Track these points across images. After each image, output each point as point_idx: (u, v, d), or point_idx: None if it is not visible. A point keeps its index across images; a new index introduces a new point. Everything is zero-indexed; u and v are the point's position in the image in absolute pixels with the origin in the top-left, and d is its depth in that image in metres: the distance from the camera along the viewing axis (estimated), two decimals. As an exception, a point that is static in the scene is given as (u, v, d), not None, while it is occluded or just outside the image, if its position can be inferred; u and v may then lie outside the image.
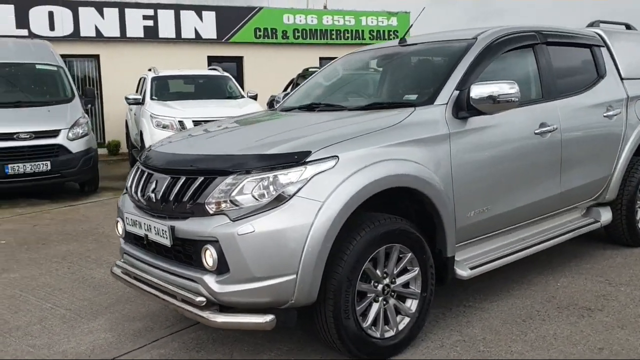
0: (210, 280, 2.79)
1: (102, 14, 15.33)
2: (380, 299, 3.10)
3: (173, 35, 15.92)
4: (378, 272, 3.07)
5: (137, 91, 12.14)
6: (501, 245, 3.92)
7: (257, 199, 2.77)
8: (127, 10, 15.52)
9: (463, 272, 3.52)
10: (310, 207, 2.75)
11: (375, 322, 3.09)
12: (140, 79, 12.39)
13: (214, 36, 16.30)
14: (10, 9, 14.68)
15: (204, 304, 2.83)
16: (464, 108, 3.46)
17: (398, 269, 3.16)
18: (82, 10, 15.16)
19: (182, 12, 15.94)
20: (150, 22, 15.70)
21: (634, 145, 4.76)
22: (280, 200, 2.75)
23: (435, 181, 3.23)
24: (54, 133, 8.56)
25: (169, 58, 15.45)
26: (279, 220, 2.72)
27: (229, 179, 2.83)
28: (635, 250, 4.91)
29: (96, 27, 15.32)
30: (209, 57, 16.34)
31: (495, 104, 3.40)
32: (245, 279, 2.73)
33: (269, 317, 2.77)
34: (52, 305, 4.20)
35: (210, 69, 12.51)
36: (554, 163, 4.07)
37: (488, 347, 3.25)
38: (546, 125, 3.97)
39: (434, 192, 3.23)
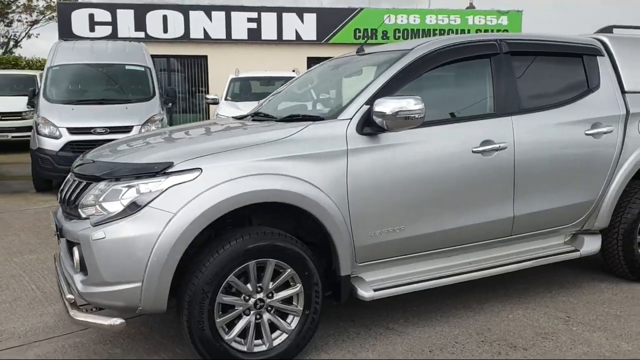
0: (77, 279, 3.00)
1: (210, 17, 16.34)
2: (252, 312, 3.10)
3: (275, 37, 16.55)
4: (249, 286, 3.07)
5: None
6: (431, 269, 3.69)
7: (117, 206, 2.92)
8: (233, 14, 16.40)
9: (365, 292, 3.39)
10: (161, 217, 2.84)
11: (245, 336, 3.10)
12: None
13: (314, 37, 16.67)
14: (130, 13, 16.21)
15: (72, 301, 3.04)
16: (370, 124, 3.32)
17: (274, 284, 3.13)
18: (192, 13, 16.30)
19: (284, 15, 16.49)
20: (253, 25, 16.45)
21: (631, 169, 4.20)
22: (133, 208, 2.87)
23: (321, 198, 3.15)
24: (127, 129, 9.33)
25: (270, 59, 16.08)
26: (128, 229, 2.85)
27: (101, 185, 3.01)
28: (636, 287, 4.34)
29: (204, 29, 16.38)
30: (308, 58, 16.74)
31: (395, 120, 3.23)
32: (99, 282, 2.89)
33: (118, 321, 2.91)
34: (35, 287, 4.68)
35: (293, 71, 12.85)
36: (503, 184, 3.74)
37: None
38: (491, 143, 3.66)
39: (319, 209, 3.15)
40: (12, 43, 33.71)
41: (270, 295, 3.14)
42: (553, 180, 3.92)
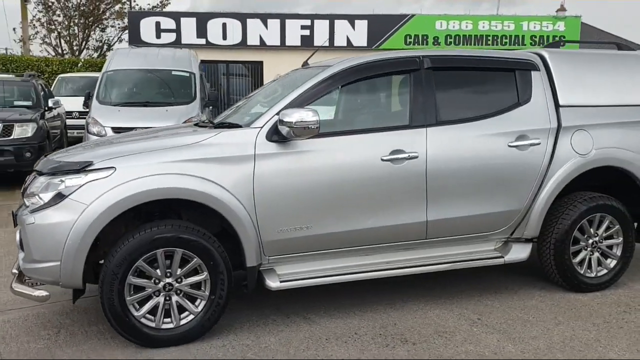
0: (20, 257, 3.61)
1: (266, 25, 17.09)
2: (161, 294, 3.59)
3: (327, 44, 17.01)
4: (158, 271, 3.56)
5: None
6: (347, 266, 4.02)
7: (48, 197, 3.50)
8: (288, 21, 17.06)
9: (272, 283, 3.79)
10: (77, 207, 3.39)
11: (158, 314, 3.58)
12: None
13: (365, 44, 17.00)
14: (192, 21, 17.25)
15: (16, 275, 3.66)
16: (278, 132, 3.72)
17: (182, 271, 3.60)
18: (249, 21, 17.11)
19: (336, 22, 16.95)
20: (306, 32, 17.03)
21: (561, 181, 4.31)
22: (57, 199, 3.44)
23: (225, 197, 3.58)
24: (163, 130, 10.15)
25: (321, 64, 16.56)
26: (52, 216, 3.41)
27: (42, 179, 3.60)
28: (569, 295, 4.43)
29: (260, 36, 17.15)
30: (359, 63, 17.03)
31: (296, 129, 3.61)
32: (31, 260, 3.48)
33: (43, 293, 3.50)
34: (6, 267, 5.31)
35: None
36: (415, 191, 3.99)
37: (251, 355, 3.52)
38: (402, 152, 3.94)
39: (223, 207, 3.58)
40: (105, 47, 36.30)
41: (179, 280, 3.61)
42: (470, 188, 4.12)
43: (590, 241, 4.49)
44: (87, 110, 10.94)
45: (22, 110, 11.70)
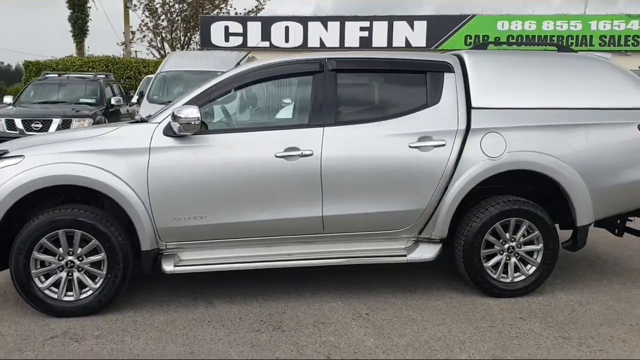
0: None
1: (326, 27, 17.46)
2: (64, 270, 4.04)
3: (385, 44, 17.09)
4: (60, 249, 4.01)
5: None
6: (248, 255, 4.26)
7: None
8: (347, 23, 17.32)
9: (166, 267, 4.14)
10: None
11: (60, 287, 4.04)
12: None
13: (424, 44, 16.87)
14: (258, 25, 17.98)
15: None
16: (171, 128, 4.06)
17: (82, 250, 4.03)
18: (310, 24, 17.56)
19: (395, 23, 16.98)
20: (365, 33, 17.21)
21: (467, 183, 4.28)
22: None
23: (117, 185, 3.97)
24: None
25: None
26: (-27, 195, 3.97)
27: None
28: (479, 300, 4.39)
29: (320, 38, 17.54)
30: (418, 65, 16.94)
31: (181, 125, 3.93)
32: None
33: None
34: None
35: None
36: (309, 187, 4.15)
37: (131, 330, 3.88)
38: (296, 150, 4.13)
39: (117, 194, 3.97)
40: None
41: (80, 258, 4.05)
42: (367, 186, 4.21)
43: (506, 246, 4.41)
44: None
45: (84, 106, 12.92)
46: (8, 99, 13.58)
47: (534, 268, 4.45)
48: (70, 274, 4.05)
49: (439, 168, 4.27)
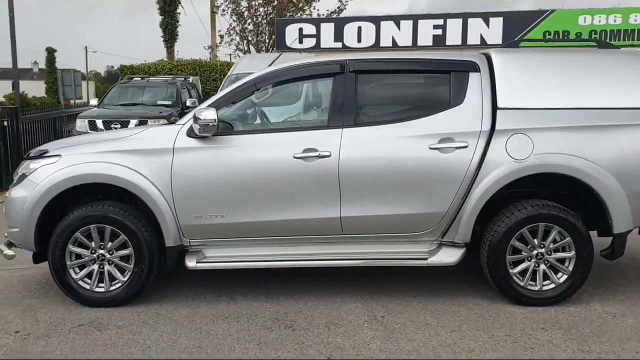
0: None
1: (398, 26, 17.30)
2: (96, 263, 4.30)
3: (459, 42, 16.68)
4: (93, 243, 4.28)
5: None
6: (272, 254, 4.33)
7: (18, 176, 4.41)
8: (420, 22, 17.05)
9: (189, 263, 4.31)
10: (31, 185, 4.23)
11: (93, 279, 4.31)
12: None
13: (499, 41, 16.28)
14: (331, 26, 18.12)
15: (6, 239, 4.65)
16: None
17: (112, 245, 4.27)
18: (383, 24, 17.47)
19: (470, 20, 16.52)
20: (439, 31, 16.87)
21: (491, 186, 4.13)
22: (22, 178, 4.33)
23: (143, 184, 4.17)
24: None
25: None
26: (16, 191, 4.31)
27: (25, 162, 4.54)
28: (503, 308, 4.23)
29: (393, 37, 17.40)
30: (493, 62, 16.40)
31: (201, 127, 4.08)
32: (7, 226, 4.43)
33: (10, 252, 4.41)
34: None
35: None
36: (327, 187, 4.16)
37: (151, 322, 4.07)
38: (314, 151, 4.16)
39: (142, 193, 4.18)
40: (287, 51, 39.14)
41: (111, 252, 4.30)
42: (386, 188, 4.17)
43: (535, 252, 4.22)
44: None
45: (161, 108, 13.57)
46: (94, 101, 14.54)
47: (565, 276, 4.23)
48: (101, 266, 4.30)
49: (461, 170, 4.15)
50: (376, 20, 17.47)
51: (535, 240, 4.21)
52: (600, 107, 4.20)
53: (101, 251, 4.29)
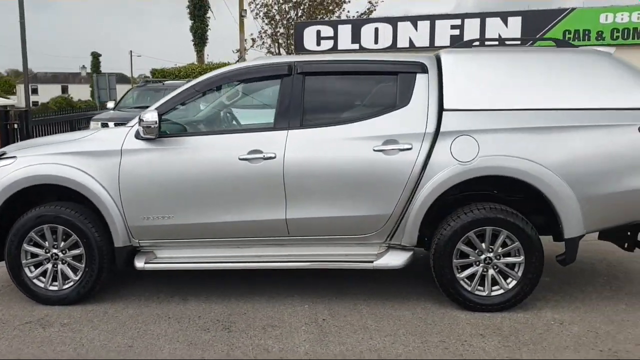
0: None
1: (415, 27, 17.12)
2: (50, 262, 4.40)
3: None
4: (46, 243, 4.39)
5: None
6: (221, 256, 4.35)
7: None
8: (437, 22, 16.84)
9: (137, 263, 4.37)
10: None
11: (47, 277, 4.42)
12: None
13: (518, 41, 15.90)
14: (348, 28, 18.07)
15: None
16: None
17: (65, 244, 4.37)
18: (400, 25, 17.32)
19: (488, 20, 16.22)
20: (456, 32, 16.62)
21: (435, 188, 4.05)
22: None
23: (92, 185, 4.26)
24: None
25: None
26: (-25, 190, 4.46)
27: None
28: (450, 313, 4.15)
29: (410, 38, 17.23)
30: (512, 63, 16.06)
31: (143, 129, 4.14)
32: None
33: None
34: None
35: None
36: (272, 189, 4.15)
37: (96, 320, 4.14)
38: (259, 153, 4.17)
39: (91, 194, 4.27)
40: (316, 54, 39.27)
41: (64, 252, 4.40)
42: (331, 190, 4.14)
43: (483, 257, 4.13)
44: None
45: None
46: (110, 104, 14.89)
47: (514, 282, 4.13)
48: (55, 265, 4.40)
49: (405, 172, 4.09)
50: (393, 21, 17.33)
51: (483, 245, 4.12)
52: (552, 108, 4.08)
53: (54, 250, 4.39)
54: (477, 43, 4.61)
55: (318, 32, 18.50)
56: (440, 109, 4.14)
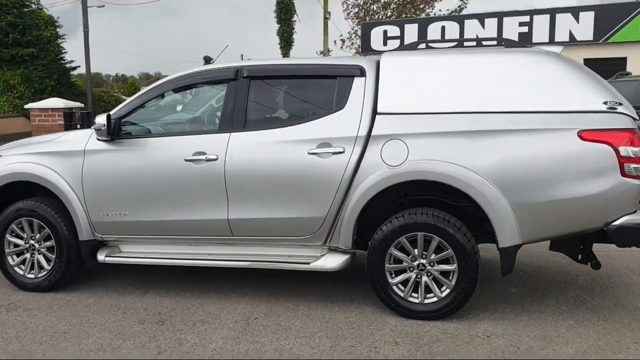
0: None
1: (483, 24, 16.61)
2: (28, 253, 4.85)
3: (546, 39, 15.63)
4: (25, 234, 4.84)
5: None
6: (174, 252, 4.59)
7: None
8: (505, 19, 16.22)
9: (99, 256, 4.71)
10: None
11: (25, 266, 4.88)
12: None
13: (590, 37, 15.01)
14: (415, 27, 17.88)
15: None
16: (101, 133, 4.61)
17: (38, 237, 4.80)
18: (467, 22, 16.88)
19: (558, 16, 15.40)
20: (524, 29, 15.94)
21: (365, 192, 4.02)
22: None
23: (59, 182, 4.64)
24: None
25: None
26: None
27: None
28: (378, 318, 4.12)
29: (477, 36, 16.70)
30: (584, 59, 15.15)
31: (97, 131, 4.46)
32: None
33: None
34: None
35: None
36: (214, 190, 4.31)
37: (56, 309, 4.51)
38: (202, 154, 4.35)
39: (57, 190, 4.65)
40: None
41: (39, 243, 4.83)
42: (269, 192, 4.23)
43: (416, 263, 4.06)
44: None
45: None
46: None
47: (448, 290, 4.01)
48: (33, 255, 4.84)
49: (337, 175, 4.11)
50: (460, 19, 16.90)
51: (416, 251, 4.04)
52: (485, 111, 3.93)
53: (32, 242, 4.83)
54: (423, 45, 4.49)
55: (385, 32, 18.43)
56: (374, 112, 4.11)
